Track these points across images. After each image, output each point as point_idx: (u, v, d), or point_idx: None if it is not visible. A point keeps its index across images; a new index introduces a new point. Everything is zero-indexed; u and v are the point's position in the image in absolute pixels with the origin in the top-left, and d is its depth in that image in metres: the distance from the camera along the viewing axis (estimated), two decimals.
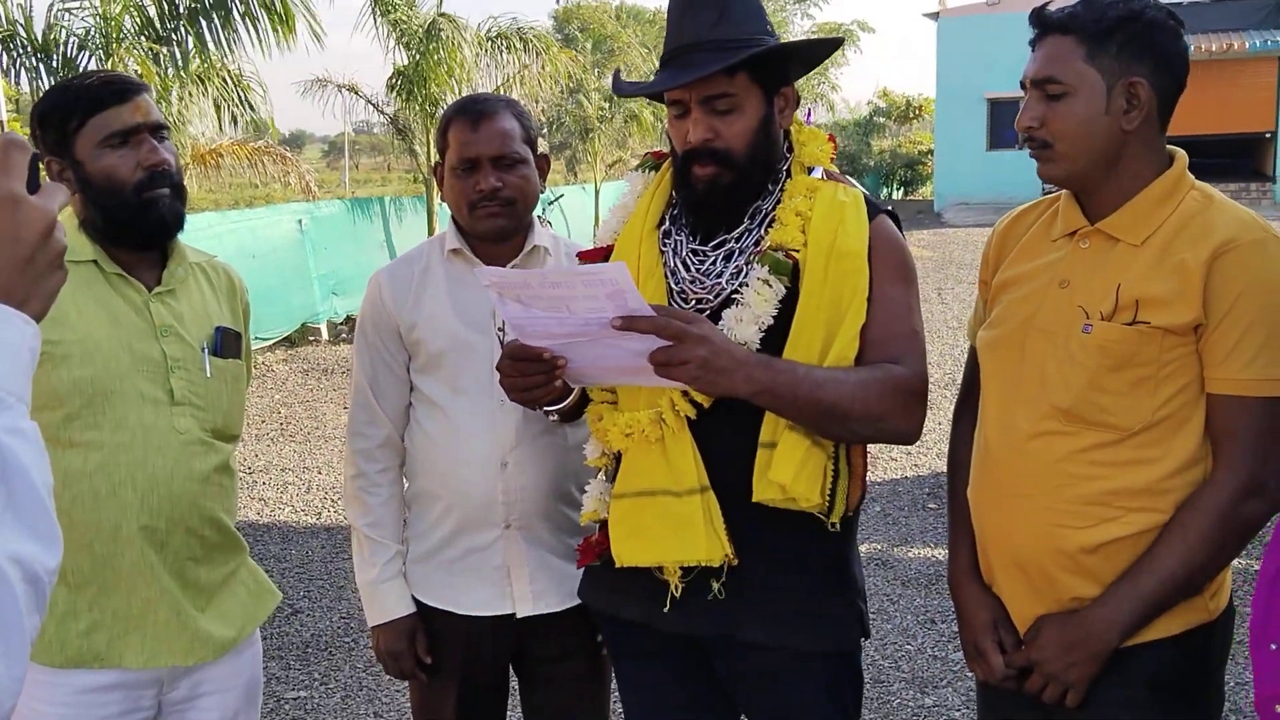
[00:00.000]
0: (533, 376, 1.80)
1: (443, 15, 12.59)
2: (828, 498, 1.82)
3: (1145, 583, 1.73)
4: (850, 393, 1.76)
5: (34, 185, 0.98)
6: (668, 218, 2.02)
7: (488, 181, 2.17)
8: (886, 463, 6.69)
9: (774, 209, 1.92)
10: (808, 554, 1.90)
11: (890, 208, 1.97)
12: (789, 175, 1.95)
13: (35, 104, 2.08)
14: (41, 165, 1.65)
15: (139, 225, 2.00)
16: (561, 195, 16.27)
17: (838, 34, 28.67)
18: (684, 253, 1.96)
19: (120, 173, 1.97)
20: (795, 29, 29.45)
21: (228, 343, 2.15)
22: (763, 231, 1.91)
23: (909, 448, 6.92)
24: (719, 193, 1.90)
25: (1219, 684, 1.87)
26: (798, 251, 1.86)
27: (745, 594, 1.88)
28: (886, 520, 5.73)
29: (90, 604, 1.99)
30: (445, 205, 2.32)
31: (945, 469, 2.14)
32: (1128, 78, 1.74)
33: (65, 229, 1.01)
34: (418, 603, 2.30)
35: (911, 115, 34.08)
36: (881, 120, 34.14)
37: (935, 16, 26.60)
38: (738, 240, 1.92)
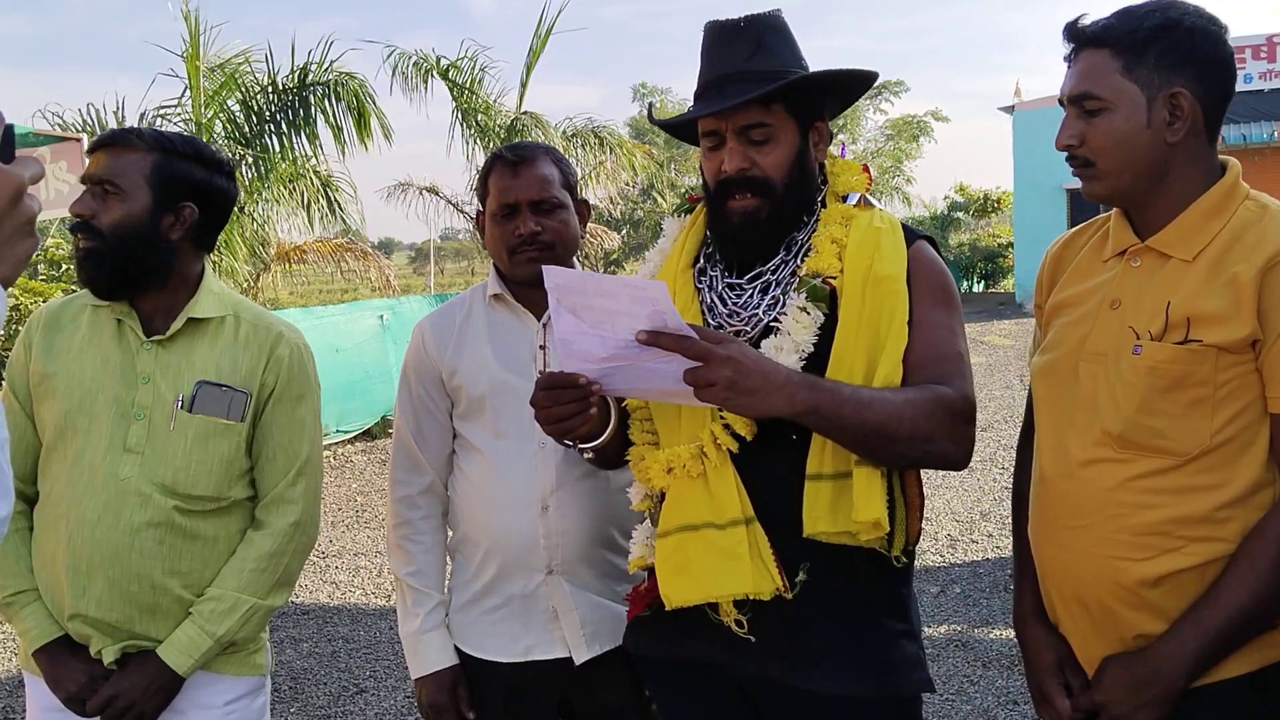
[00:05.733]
0: (567, 405, 1.74)
1: (526, 113, 12.95)
2: (886, 531, 1.75)
3: (1212, 617, 1.62)
4: (898, 412, 1.70)
5: (9, 155, 1.00)
6: (702, 256, 1.99)
7: (526, 226, 2.18)
8: (967, 545, 6.48)
9: (809, 239, 1.89)
10: (867, 593, 1.83)
11: (929, 234, 1.93)
12: (824, 205, 1.92)
13: None
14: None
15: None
16: None
17: (913, 126, 28.92)
18: (720, 287, 1.93)
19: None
20: (868, 124, 29.66)
21: (211, 399, 2.08)
22: (798, 261, 1.88)
23: (992, 530, 6.71)
24: (756, 224, 1.87)
25: None
26: (835, 278, 1.82)
27: (804, 636, 1.80)
28: (967, 602, 5.52)
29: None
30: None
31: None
32: (1168, 89, 1.67)
33: None
34: (462, 654, 2.25)
35: (990, 209, 33.86)
36: (959, 215, 33.97)
37: (1010, 110, 26.61)
38: (774, 272, 1.89)
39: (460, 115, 12.98)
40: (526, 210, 2.20)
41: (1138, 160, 1.70)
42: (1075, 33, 1.75)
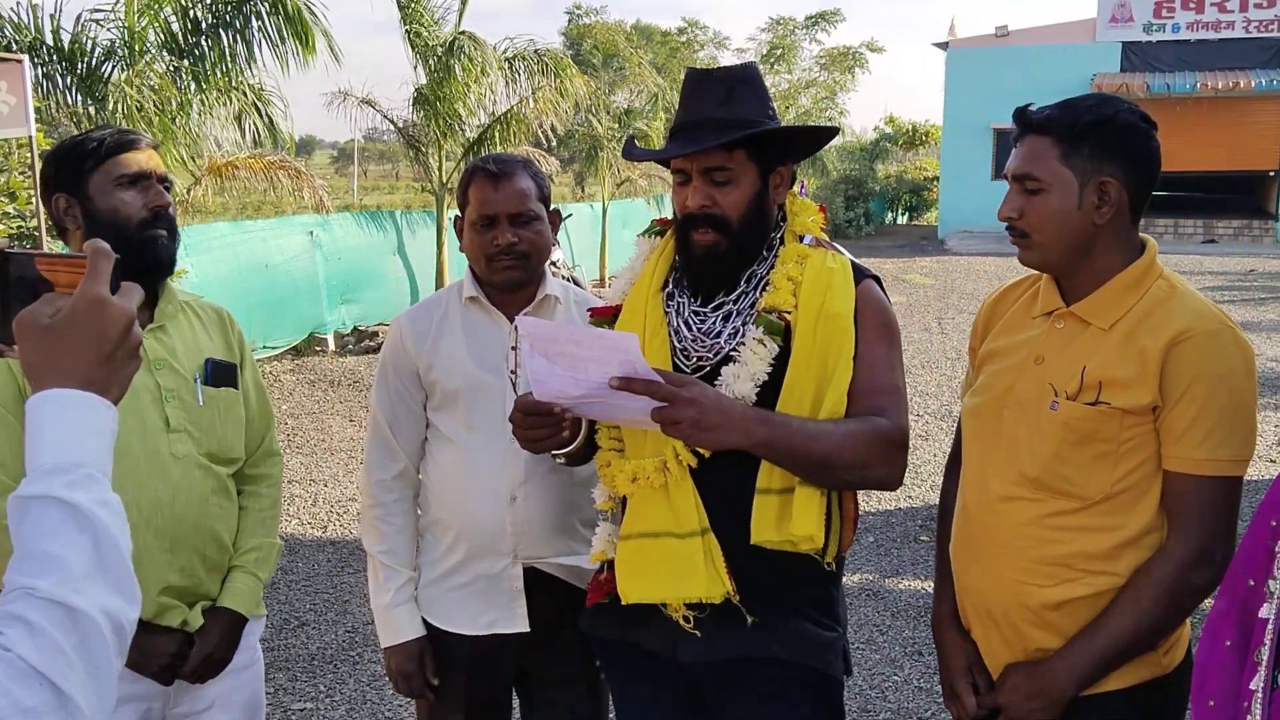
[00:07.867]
0: (541, 429, 2.00)
1: (463, 33, 12.81)
2: (821, 544, 1.98)
3: (1100, 640, 1.90)
4: (840, 443, 1.93)
5: (114, 286, 1.10)
6: (671, 280, 2.19)
7: (505, 237, 2.34)
8: (880, 494, 6.81)
9: (768, 273, 2.09)
10: (801, 592, 2.07)
11: (875, 273, 2.13)
12: (782, 242, 2.12)
13: (53, 147, 2.28)
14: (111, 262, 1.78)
15: (136, 261, 2.16)
16: (570, 215, 16.40)
17: (848, 57, 29.02)
18: (686, 313, 2.13)
19: (127, 210, 2.17)
20: (804, 54, 29.62)
21: (219, 373, 2.31)
22: (758, 294, 2.08)
23: (905, 480, 7.03)
24: (715, 257, 2.07)
25: None
26: (789, 313, 2.02)
27: (743, 627, 2.03)
28: (879, 551, 5.85)
29: None
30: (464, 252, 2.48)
31: (937, 501, 2.31)
32: (1099, 177, 1.90)
33: None
34: (429, 625, 2.45)
35: (917, 142, 34.28)
36: (888, 146, 34.34)
37: (944, 46, 26.83)
38: (735, 302, 2.09)
39: (404, 25, 12.82)
40: (505, 222, 2.35)
41: (1068, 237, 1.93)
42: (1023, 120, 1.98)
